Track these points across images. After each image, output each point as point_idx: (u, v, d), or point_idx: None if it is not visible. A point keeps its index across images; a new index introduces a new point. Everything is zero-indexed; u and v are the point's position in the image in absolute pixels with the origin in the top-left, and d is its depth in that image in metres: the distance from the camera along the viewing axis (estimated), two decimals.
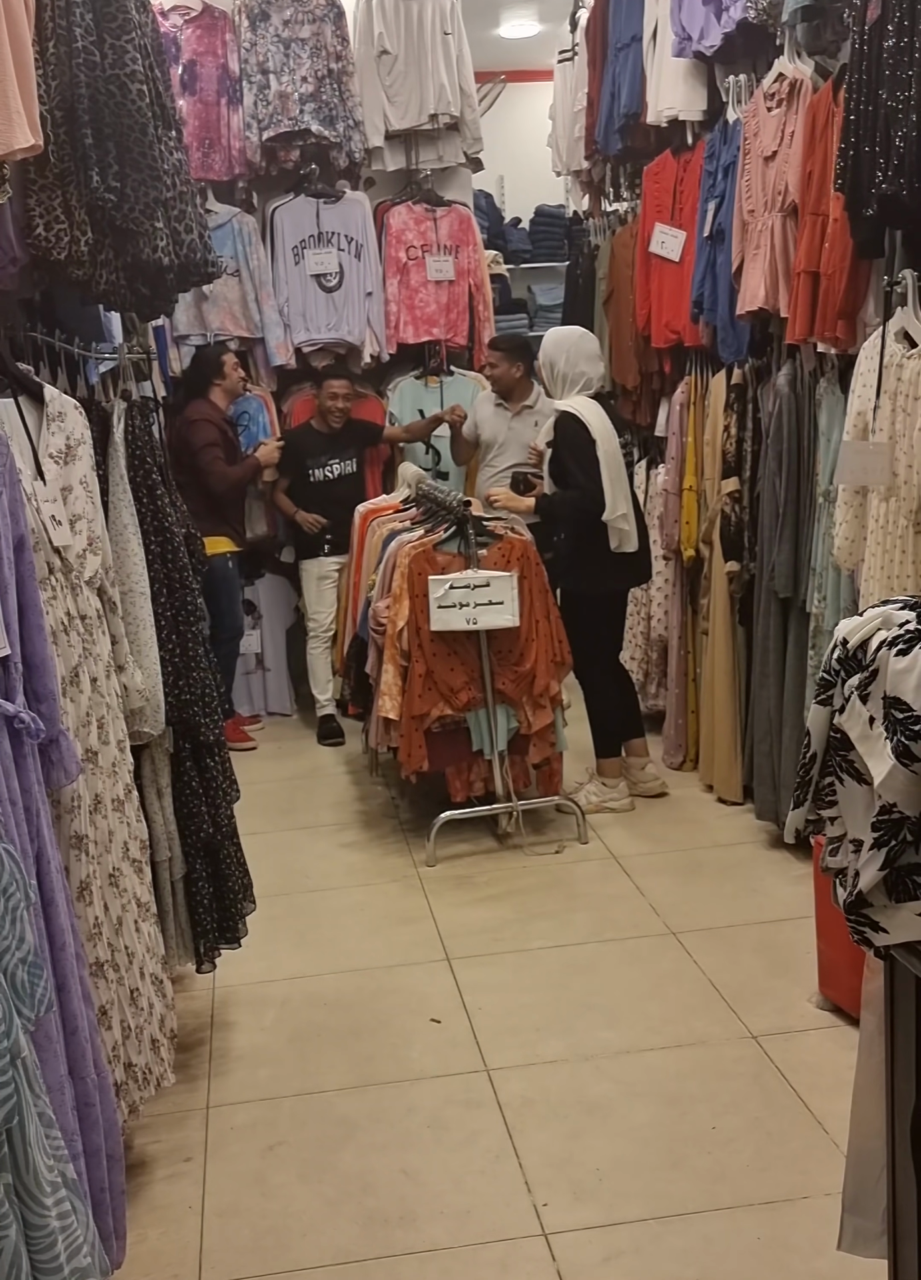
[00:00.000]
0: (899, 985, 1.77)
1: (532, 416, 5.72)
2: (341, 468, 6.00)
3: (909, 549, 3.16)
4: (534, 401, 5.74)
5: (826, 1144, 2.80)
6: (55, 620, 2.45)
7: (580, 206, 7.29)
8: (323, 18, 5.84)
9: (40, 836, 2.15)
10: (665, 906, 4.02)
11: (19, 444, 2.45)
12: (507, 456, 5.76)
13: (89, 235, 2.74)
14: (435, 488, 4.94)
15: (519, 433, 5.74)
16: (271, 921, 3.97)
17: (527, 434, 5.73)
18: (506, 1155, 2.87)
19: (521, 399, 5.72)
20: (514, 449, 5.73)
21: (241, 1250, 2.62)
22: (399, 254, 6.21)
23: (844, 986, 3.22)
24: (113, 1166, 2.34)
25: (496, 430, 5.82)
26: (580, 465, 4.58)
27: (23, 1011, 1.61)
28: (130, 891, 2.69)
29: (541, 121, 7.37)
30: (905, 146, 3.01)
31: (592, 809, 4.76)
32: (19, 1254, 1.57)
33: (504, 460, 5.78)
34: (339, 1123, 3.03)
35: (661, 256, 5.08)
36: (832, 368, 3.89)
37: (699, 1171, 2.77)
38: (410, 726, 4.42)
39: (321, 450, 5.96)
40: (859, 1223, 1.98)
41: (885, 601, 1.79)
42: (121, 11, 2.74)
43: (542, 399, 5.83)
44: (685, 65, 4.77)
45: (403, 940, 3.94)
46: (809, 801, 1.87)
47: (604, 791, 4.83)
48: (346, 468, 6.02)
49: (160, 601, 3.01)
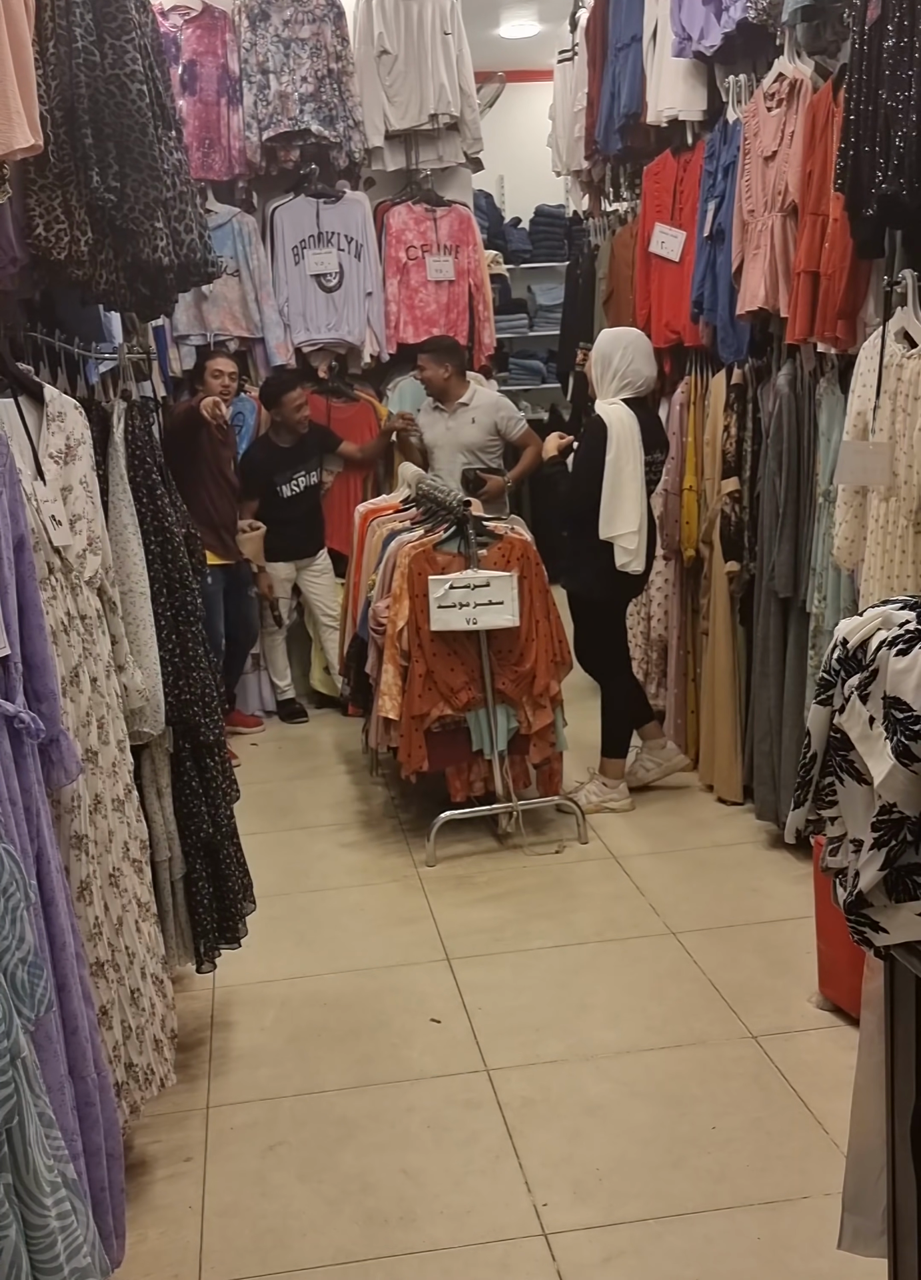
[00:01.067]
0: (899, 985, 1.77)
1: (469, 413, 5.78)
2: (307, 479, 6.04)
3: (909, 549, 3.16)
4: (469, 398, 5.79)
5: (826, 1144, 2.80)
6: (55, 620, 2.45)
7: (580, 206, 7.29)
8: (323, 18, 5.84)
9: (40, 836, 2.15)
10: (665, 906, 4.02)
11: (19, 444, 2.45)
12: (445, 457, 5.80)
13: (89, 235, 2.74)
14: (435, 488, 4.94)
15: (456, 432, 5.80)
16: (271, 921, 3.97)
17: (465, 432, 5.79)
18: (506, 1155, 2.87)
19: (456, 397, 5.78)
20: (450, 449, 5.79)
21: (241, 1250, 2.62)
22: (399, 254, 6.21)
23: (844, 986, 3.22)
24: (113, 1166, 2.34)
25: (435, 433, 5.87)
26: (576, 471, 4.58)
27: (23, 1011, 1.61)
28: (130, 891, 2.69)
29: (541, 121, 7.38)
30: (905, 146, 3.01)
31: (592, 809, 4.75)
32: (19, 1254, 1.57)
33: (443, 462, 5.81)
34: (339, 1123, 3.03)
35: (661, 256, 5.08)
36: (832, 368, 3.89)
37: (699, 1171, 2.77)
38: (410, 726, 4.42)
39: (286, 465, 5.97)
40: (859, 1222, 1.98)
41: (885, 601, 1.79)
42: (121, 11, 2.75)
43: (480, 392, 5.86)
44: (685, 65, 4.78)
45: (403, 940, 3.94)
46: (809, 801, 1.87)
47: (604, 792, 4.82)
48: (311, 479, 6.06)
49: (160, 601, 3.01)
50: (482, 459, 5.83)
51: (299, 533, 6.05)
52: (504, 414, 5.84)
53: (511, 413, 5.90)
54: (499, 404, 5.89)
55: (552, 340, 8.05)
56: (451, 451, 5.81)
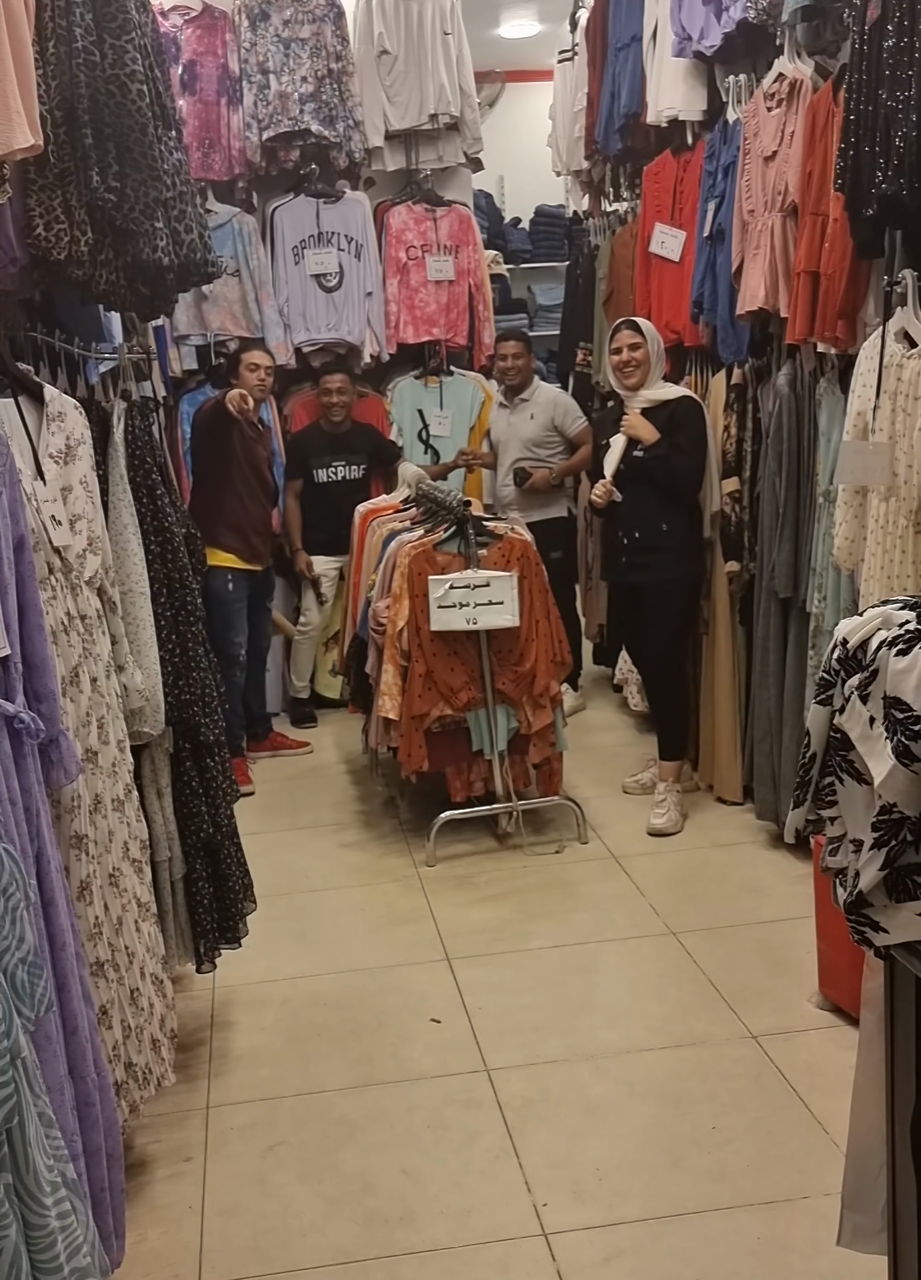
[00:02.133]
0: (899, 985, 1.77)
1: (528, 409, 5.75)
2: (346, 471, 5.97)
3: (909, 549, 3.16)
4: (531, 394, 5.76)
5: (826, 1144, 2.80)
6: (55, 620, 2.45)
7: (580, 206, 7.29)
8: (323, 18, 5.84)
9: (40, 836, 2.15)
10: (665, 906, 4.02)
11: (19, 444, 2.45)
12: (509, 454, 5.78)
13: (89, 235, 2.74)
14: (435, 488, 4.94)
15: (517, 428, 5.77)
16: (271, 921, 3.97)
17: (525, 427, 5.75)
18: (506, 1155, 2.87)
19: (521, 392, 5.76)
20: (514, 445, 5.76)
21: (241, 1250, 2.62)
22: (399, 254, 6.21)
23: (844, 986, 3.22)
24: (113, 1166, 2.34)
25: (499, 431, 5.86)
26: (692, 454, 4.53)
27: (23, 1011, 1.61)
28: (130, 891, 2.69)
29: (541, 121, 7.37)
30: (905, 146, 3.01)
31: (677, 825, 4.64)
32: (19, 1254, 1.57)
33: (507, 458, 5.80)
34: (339, 1123, 3.03)
35: (661, 256, 5.08)
36: (832, 368, 3.89)
37: (699, 1171, 2.77)
38: (410, 726, 4.42)
39: (324, 450, 5.94)
40: (858, 1219, 1.98)
41: (885, 601, 1.79)
42: (121, 11, 2.74)
43: (540, 387, 5.84)
44: (685, 65, 4.77)
45: (403, 940, 3.94)
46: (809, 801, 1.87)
47: (680, 798, 4.73)
48: (351, 472, 5.99)
49: (160, 601, 3.01)
50: (541, 455, 5.74)
51: (332, 525, 5.81)
52: (561, 409, 5.79)
53: (569, 407, 5.84)
54: (557, 399, 5.86)
55: (553, 340, 8.04)
56: (516, 448, 5.75)
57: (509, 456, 5.79)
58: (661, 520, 4.58)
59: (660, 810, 4.63)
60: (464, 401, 6.40)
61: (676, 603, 4.66)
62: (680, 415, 4.54)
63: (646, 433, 4.53)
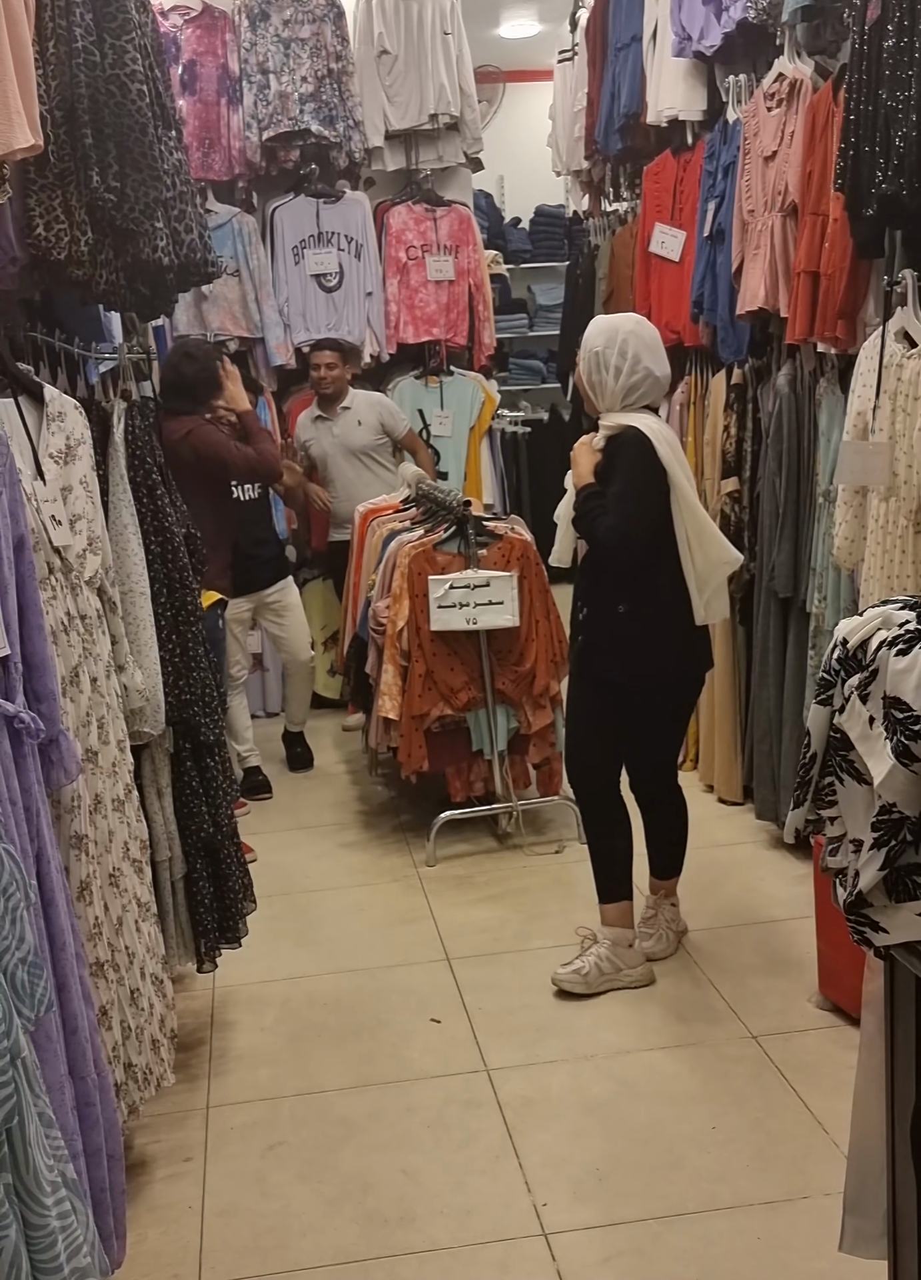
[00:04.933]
0: (899, 985, 1.77)
1: (353, 415, 5.65)
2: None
3: (909, 549, 3.16)
4: (350, 400, 5.67)
5: (826, 1144, 2.80)
6: (55, 620, 2.45)
7: (580, 206, 7.29)
8: (323, 18, 5.85)
9: (40, 836, 2.15)
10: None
11: (19, 444, 2.45)
12: (340, 465, 5.65)
13: (89, 235, 2.74)
14: (435, 487, 4.94)
15: (344, 438, 5.65)
16: (271, 921, 3.97)
17: (353, 436, 5.63)
18: (506, 1155, 2.87)
19: (339, 401, 5.67)
20: (341, 457, 5.63)
21: (241, 1250, 2.62)
22: (399, 254, 6.22)
23: (844, 986, 3.22)
24: (113, 1166, 2.34)
25: (323, 445, 5.68)
26: (619, 500, 3.27)
27: (23, 1011, 1.61)
28: (130, 891, 2.69)
29: (541, 121, 7.38)
30: (905, 146, 3.01)
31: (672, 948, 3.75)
32: (19, 1254, 1.57)
33: (337, 473, 5.65)
34: (339, 1123, 3.03)
35: (661, 256, 5.08)
36: (832, 368, 3.89)
37: (699, 1171, 2.77)
38: (410, 726, 4.42)
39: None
40: (859, 1223, 1.98)
41: (885, 601, 1.79)
42: (121, 11, 2.75)
43: (357, 394, 5.71)
44: (685, 65, 4.78)
45: (403, 940, 3.94)
46: (809, 801, 1.87)
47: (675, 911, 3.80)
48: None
49: (160, 601, 3.01)
50: (373, 463, 5.69)
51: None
52: (386, 409, 5.74)
53: (393, 408, 5.78)
54: (379, 400, 5.79)
55: (552, 340, 8.05)
56: (344, 457, 5.66)
57: (339, 470, 5.66)
58: (617, 597, 3.37)
59: (649, 930, 3.70)
60: (464, 401, 6.39)
61: (656, 710, 3.49)
62: (617, 453, 3.32)
63: (576, 473, 3.40)
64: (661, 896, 3.75)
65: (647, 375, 3.33)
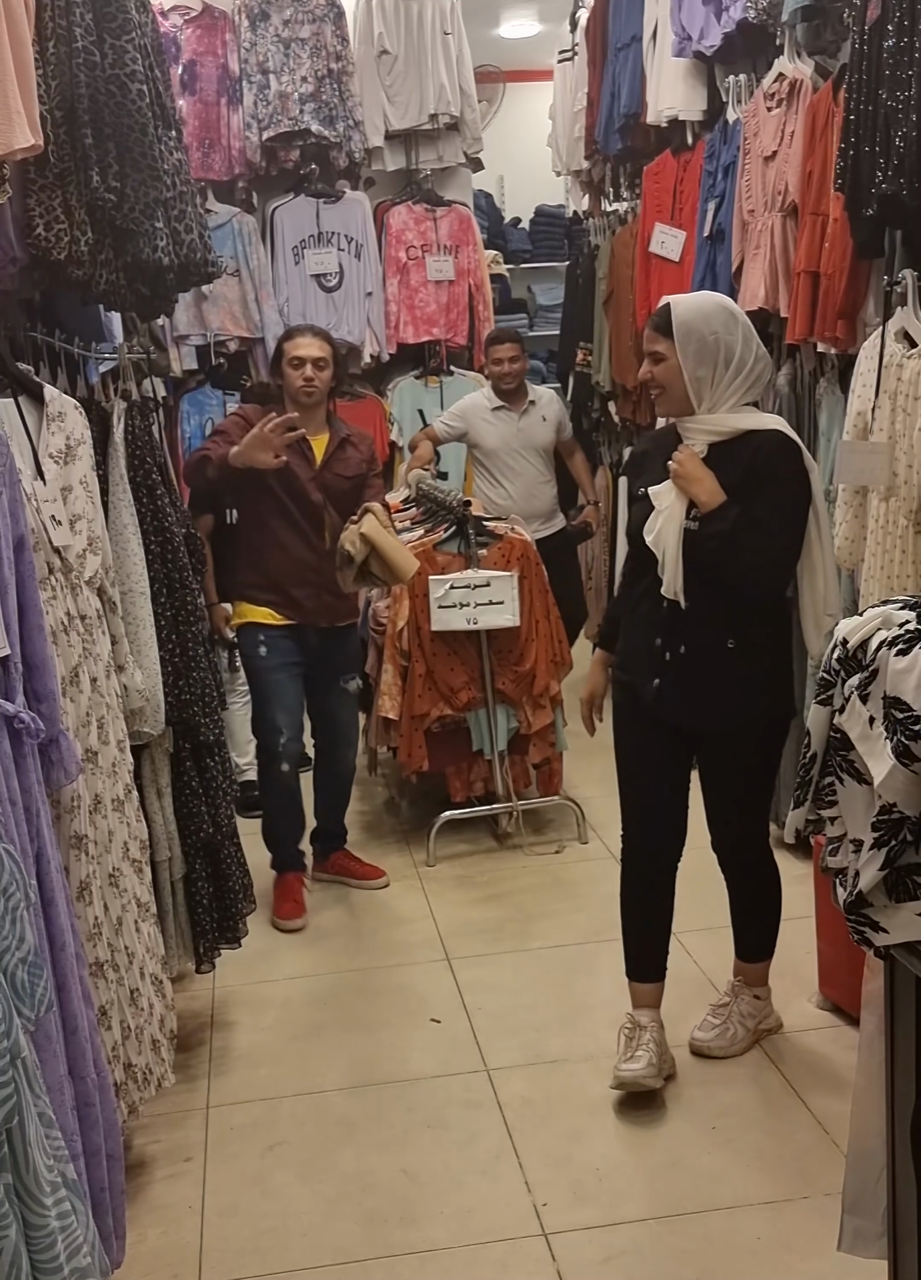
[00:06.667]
0: (899, 985, 1.77)
1: (539, 411, 5.50)
2: None
3: (909, 549, 3.16)
4: (535, 395, 5.56)
5: (826, 1144, 2.80)
6: (55, 620, 2.45)
7: (580, 206, 7.29)
8: (323, 18, 5.84)
9: (40, 836, 2.15)
10: None
11: (19, 444, 2.45)
12: (520, 461, 5.48)
13: (89, 235, 2.74)
14: (435, 488, 4.93)
15: (528, 434, 5.47)
16: (271, 921, 3.97)
17: (538, 433, 5.47)
18: (506, 1155, 2.87)
19: (525, 395, 5.51)
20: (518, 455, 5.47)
21: (241, 1250, 2.62)
22: (399, 254, 6.21)
23: (844, 986, 3.22)
24: (113, 1166, 2.34)
25: (499, 438, 5.46)
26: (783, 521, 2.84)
27: (23, 1011, 1.61)
28: (130, 891, 2.69)
29: (541, 121, 7.37)
30: (905, 146, 3.01)
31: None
32: (19, 1254, 1.57)
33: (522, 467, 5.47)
34: (339, 1123, 3.03)
35: (661, 256, 5.08)
36: (832, 368, 3.89)
37: (699, 1171, 2.77)
38: (410, 726, 4.42)
39: None
40: (859, 1223, 1.98)
41: (885, 601, 1.79)
42: (121, 11, 2.74)
43: (537, 388, 5.64)
44: (685, 65, 4.77)
45: (403, 940, 3.94)
46: (809, 801, 1.87)
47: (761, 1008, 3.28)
48: None
49: (160, 601, 3.01)
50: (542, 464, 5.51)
51: None
52: (561, 407, 5.65)
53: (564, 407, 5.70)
54: (555, 397, 5.71)
55: (552, 340, 8.04)
56: (529, 455, 5.47)
57: (521, 466, 5.45)
58: (727, 633, 2.89)
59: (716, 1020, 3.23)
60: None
61: (755, 758, 3.04)
62: (764, 463, 2.82)
63: (702, 490, 2.81)
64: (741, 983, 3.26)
65: (767, 363, 2.89)
